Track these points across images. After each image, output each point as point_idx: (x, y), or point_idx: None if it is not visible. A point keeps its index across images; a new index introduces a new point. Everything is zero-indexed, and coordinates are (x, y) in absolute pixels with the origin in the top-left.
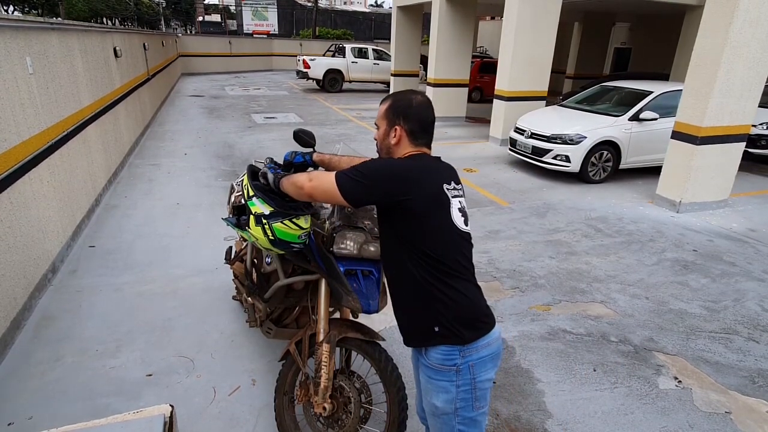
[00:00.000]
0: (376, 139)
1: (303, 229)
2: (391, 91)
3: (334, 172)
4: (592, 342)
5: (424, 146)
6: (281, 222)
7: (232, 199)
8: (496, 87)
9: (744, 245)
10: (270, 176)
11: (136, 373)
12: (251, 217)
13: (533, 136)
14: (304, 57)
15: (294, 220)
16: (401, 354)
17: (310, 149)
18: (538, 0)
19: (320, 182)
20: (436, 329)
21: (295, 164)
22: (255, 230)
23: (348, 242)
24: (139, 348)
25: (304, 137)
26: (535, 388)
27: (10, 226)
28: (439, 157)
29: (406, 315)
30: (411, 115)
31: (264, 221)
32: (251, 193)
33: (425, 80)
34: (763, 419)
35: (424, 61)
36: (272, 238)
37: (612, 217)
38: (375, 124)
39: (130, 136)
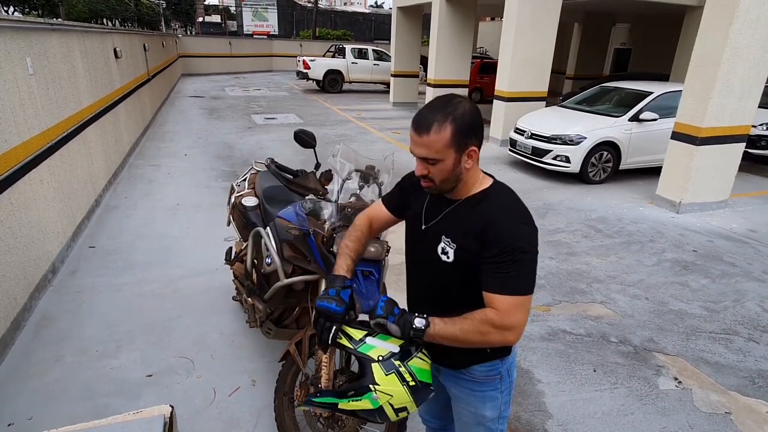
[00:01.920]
0: (427, 175)
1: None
2: (391, 92)
3: (503, 291)
4: (592, 342)
5: None
6: (417, 356)
7: (232, 199)
8: (496, 88)
9: (744, 246)
10: (417, 322)
11: (136, 374)
12: (375, 366)
13: (533, 136)
14: (304, 58)
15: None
16: None
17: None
18: (538, 0)
19: (516, 315)
20: (488, 350)
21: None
22: (387, 383)
23: None
24: (139, 348)
25: (304, 138)
26: (535, 389)
27: (10, 226)
28: None
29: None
30: (478, 126)
31: (397, 363)
32: (359, 335)
33: (425, 81)
34: (763, 420)
35: (424, 61)
36: (414, 383)
37: (612, 217)
38: (426, 159)
39: (130, 137)
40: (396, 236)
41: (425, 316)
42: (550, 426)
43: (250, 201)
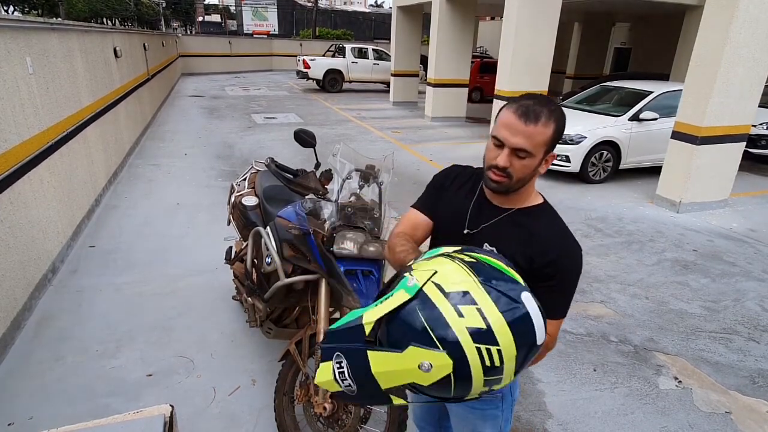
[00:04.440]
0: (507, 168)
1: None
2: (391, 91)
3: (555, 316)
4: (592, 342)
5: None
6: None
7: (233, 199)
8: (496, 87)
9: (744, 245)
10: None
11: (137, 373)
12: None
13: None
14: (304, 57)
15: None
16: None
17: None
18: (538, 0)
19: (557, 335)
20: None
21: None
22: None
23: (348, 242)
24: (139, 348)
25: (304, 137)
26: (536, 389)
27: (10, 226)
28: None
29: None
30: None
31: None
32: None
33: (425, 80)
34: (763, 419)
35: (424, 61)
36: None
37: (612, 217)
38: (519, 151)
39: (130, 137)
40: None
41: None
42: (550, 425)
43: (250, 200)
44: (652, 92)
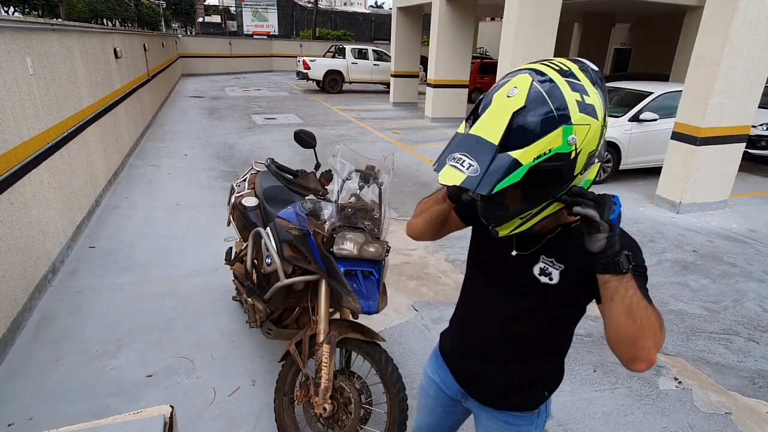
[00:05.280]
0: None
1: None
2: (391, 92)
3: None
4: (592, 342)
5: None
6: None
7: (233, 200)
8: None
9: (744, 246)
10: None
11: (136, 374)
12: None
13: None
14: (304, 58)
15: None
16: (401, 355)
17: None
18: (538, 1)
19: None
20: (546, 393)
21: None
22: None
23: (348, 243)
24: (139, 348)
25: (304, 138)
26: None
27: (10, 226)
28: None
29: (518, 379)
30: None
31: None
32: None
33: (425, 81)
34: (763, 420)
35: (424, 62)
36: None
37: None
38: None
39: (131, 137)
40: (395, 236)
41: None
42: (550, 426)
43: (250, 201)
44: (651, 93)
